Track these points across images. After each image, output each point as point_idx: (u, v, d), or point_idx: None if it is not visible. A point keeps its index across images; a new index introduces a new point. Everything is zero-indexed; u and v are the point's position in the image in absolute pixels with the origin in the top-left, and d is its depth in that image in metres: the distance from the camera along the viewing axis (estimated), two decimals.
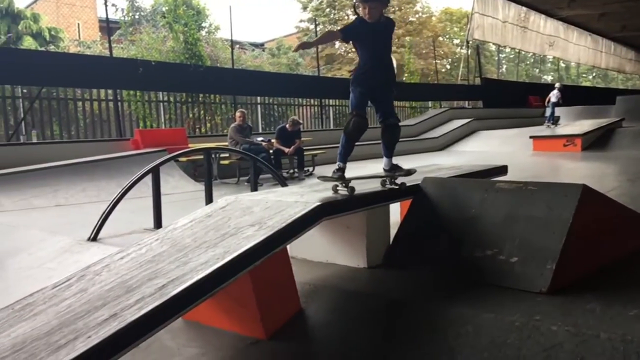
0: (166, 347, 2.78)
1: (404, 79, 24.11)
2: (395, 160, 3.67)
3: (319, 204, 3.01)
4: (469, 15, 24.11)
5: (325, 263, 3.63)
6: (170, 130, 12.81)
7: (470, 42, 24.23)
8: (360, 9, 3.38)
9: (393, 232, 3.68)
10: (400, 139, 3.64)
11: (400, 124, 3.65)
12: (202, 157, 7.01)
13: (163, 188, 5.42)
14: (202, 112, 15.00)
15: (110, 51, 12.46)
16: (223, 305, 2.93)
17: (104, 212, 4.91)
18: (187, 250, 2.73)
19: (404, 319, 2.72)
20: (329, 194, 3.45)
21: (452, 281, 3.04)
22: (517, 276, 2.86)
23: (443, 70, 36.41)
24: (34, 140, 11.19)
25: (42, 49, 21.69)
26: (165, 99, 13.87)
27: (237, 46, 23.20)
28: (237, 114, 10.31)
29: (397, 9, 36.08)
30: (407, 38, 32.11)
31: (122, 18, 18.31)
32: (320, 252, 3.69)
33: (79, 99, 12.53)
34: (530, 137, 15.07)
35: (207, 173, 6.05)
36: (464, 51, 29.14)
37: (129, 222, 5.36)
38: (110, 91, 12.27)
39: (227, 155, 9.85)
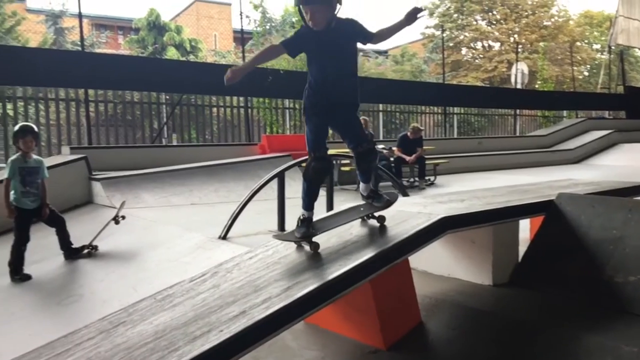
0: (288, 347, 2.87)
1: (537, 86, 22.81)
2: (523, 172, 3.43)
3: (444, 215, 2.95)
4: (612, 19, 22.21)
5: (447, 277, 3.54)
6: (295, 136, 13.27)
7: (613, 47, 22.33)
8: (304, 13, 2.81)
9: (522, 249, 3.49)
10: (532, 150, 3.41)
11: (532, 134, 3.38)
12: None
13: (286, 192, 5.61)
14: None
15: (244, 60, 13.20)
16: (343, 312, 2.96)
17: (233, 213, 5.19)
18: (310, 255, 2.81)
19: (532, 343, 2.56)
20: (454, 205, 3.36)
21: (588, 307, 2.82)
22: None
23: (580, 77, 33.84)
24: (174, 142, 12.20)
25: (183, 58, 23.58)
26: (291, 105, 14.42)
27: (361, 54, 23.46)
28: None
29: (530, 13, 34.22)
30: (541, 44, 30.42)
31: (255, 29, 19.32)
32: (442, 265, 3.60)
33: (214, 105, 13.46)
34: None
35: (328, 179, 6.17)
36: (604, 57, 26.95)
37: (255, 223, 5.62)
38: (241, 98, 13.00)
39: (347, 162, 9.97)
